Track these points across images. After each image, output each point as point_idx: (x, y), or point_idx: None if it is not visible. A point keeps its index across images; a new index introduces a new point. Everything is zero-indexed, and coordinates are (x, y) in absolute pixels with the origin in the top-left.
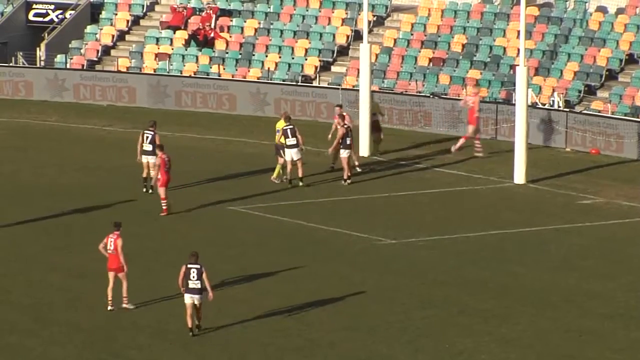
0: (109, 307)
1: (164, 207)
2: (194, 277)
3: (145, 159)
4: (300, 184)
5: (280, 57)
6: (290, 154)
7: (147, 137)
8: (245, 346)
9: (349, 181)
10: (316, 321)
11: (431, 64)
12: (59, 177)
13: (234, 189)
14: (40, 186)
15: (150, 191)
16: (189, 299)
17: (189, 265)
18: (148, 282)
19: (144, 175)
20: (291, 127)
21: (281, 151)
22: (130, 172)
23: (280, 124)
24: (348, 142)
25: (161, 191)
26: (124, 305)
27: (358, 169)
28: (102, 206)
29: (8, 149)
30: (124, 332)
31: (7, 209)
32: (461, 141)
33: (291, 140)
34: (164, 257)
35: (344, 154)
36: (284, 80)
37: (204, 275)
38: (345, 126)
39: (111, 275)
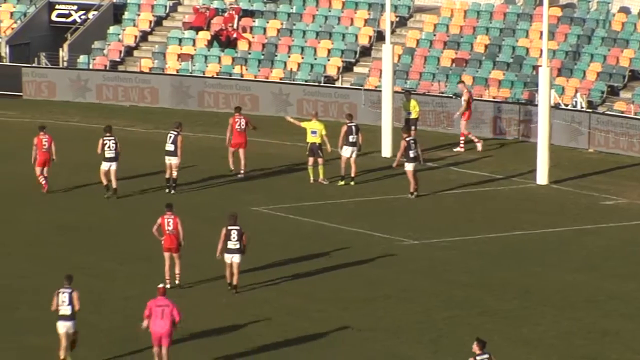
0: (168, 285)
1: (43, 183)
2: (234, 237)
3: (167, 160)
4: (352, 182)
5: (302, 58)
6: (348, 152)
7: (170, 137)
8: (265, 346)
9: (415, 194)
10: (337, 321)
11: (454, 65)
12: (78, 177)
13: (256, 189)
14: (59, 186)
15: (172, 192)
16: (228, 259)
17: (229, 227)
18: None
19: (167, 175)
20: (355, 125)
21: (318, 151)
22: (151, 172)
23: (309, 125)
24: (412, 154)
25: (37, 170)
26: (177, 282)
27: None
28: (121, 207)
29: (29, 149)
30: (143, 333)
31: (25, 209)
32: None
33: (354, 138)
34: (185, 259)
35: (409, 167)
36: (306, 81)
37: (244, 237)
38: (408, 138)
39: (167, 255)
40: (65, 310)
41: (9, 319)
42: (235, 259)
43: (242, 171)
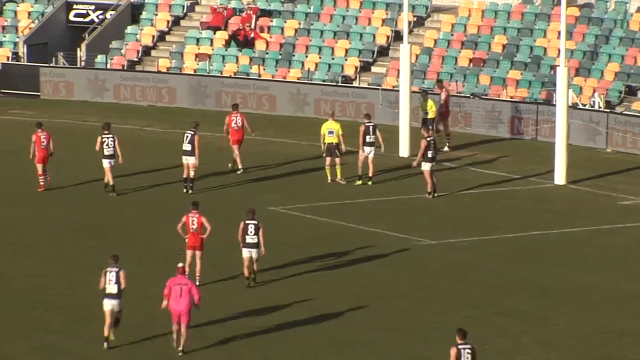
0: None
1: (41, 183)
2: (251, 232)
3: (184, 159)
4: (369, 182)
5: (320, 58)
6: (367, 151)
7: (187, 137)
8: (282, 345)
9: (434, 195)
10: (354, 321)
11: (471, 65)
12: (96, 177)
13: (274, 189)
14: (77, 186)
15: (190, 192)
16: (246, 252)
17: (247, 222)
18: None
19: (184, 175)
20: (373, 124)
21: (336, 151)
22: (169, 172)
23: (326, 125)
24: (430, 154)
25: (38, 167)
26: (198, 283)
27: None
28: (139, 207)
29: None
30: (163, 332)
31: (43, 208)
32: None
33: (371, 138)
34: (205, 259)
35: (426, 167)
36: (324, 81)
37: (260, 232)
38: (429, 138)
39: (189, 254)
40: (112, 288)
41: (25, 318)
42: (254, 253)
43: (230, 165)
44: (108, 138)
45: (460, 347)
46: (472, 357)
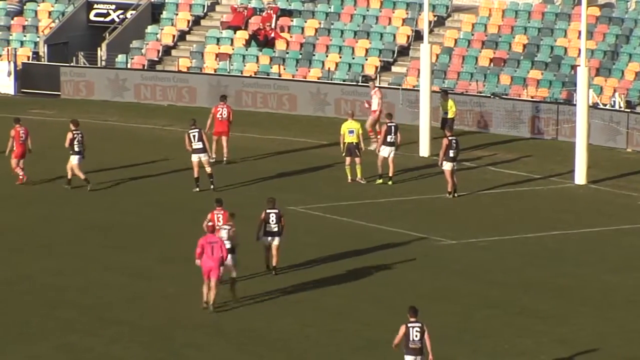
0: None
1: (20, 177)
2: (273, 220)
3: (196, 157)
4: (390, 182)
5: (340, 57)
6: (388, 151)
7: (194, 136)
8: (304, 346)
9: (454, 195)
10: (375, 321)
11: (492, 64)
12: (116, 176)
13: (294, 189)
14: (97, 185)
15: (212, 187)
16: (268, 241)
17: (268, 211)
18: None
19: (195, 175)
20: (395, 124)
21: (356, 150)
22: (189, 171)
23: (346, 124)
24: (451, 154)
25: (13, 162)
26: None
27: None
28: (158, 206)
29: (67, 149)
30: (183, 332)
31: (63, 208)
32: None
33: (392, 138)
34: None
35: (447, 166)
36: (344, 81)
37: (282, 220)
38: (451, 138)
39: None
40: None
41: (46, 317)
42: (275, 241)
43: (224, 159)
44: (78, 134)
45: (409, 324)
46: (421, 334)
